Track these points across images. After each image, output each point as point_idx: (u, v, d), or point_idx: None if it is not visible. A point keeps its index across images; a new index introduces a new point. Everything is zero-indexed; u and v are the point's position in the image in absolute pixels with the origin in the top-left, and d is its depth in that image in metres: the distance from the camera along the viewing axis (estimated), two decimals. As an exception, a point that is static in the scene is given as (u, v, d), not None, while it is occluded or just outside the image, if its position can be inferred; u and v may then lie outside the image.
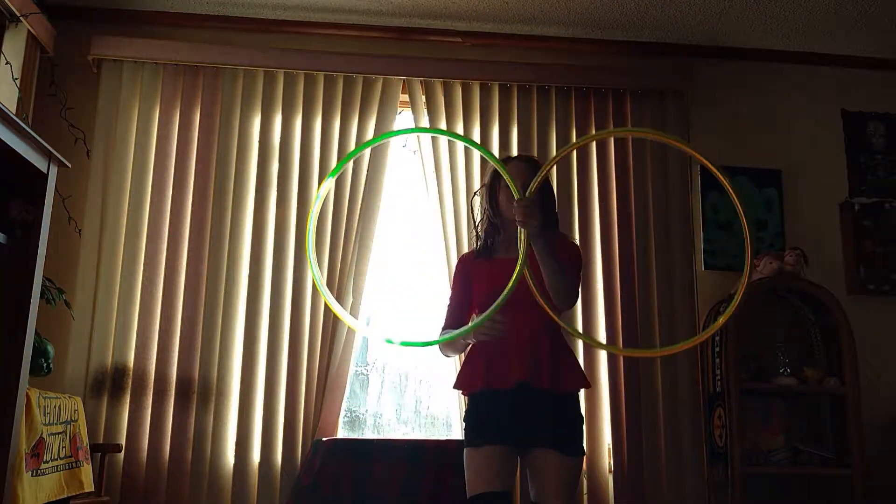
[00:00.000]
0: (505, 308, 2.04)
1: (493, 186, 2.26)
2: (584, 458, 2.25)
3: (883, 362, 3.39)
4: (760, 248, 3.42)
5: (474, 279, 2.25)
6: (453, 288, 2.33)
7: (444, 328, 2.28)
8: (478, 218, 2.34)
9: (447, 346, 2.27)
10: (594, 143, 3.46)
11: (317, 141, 3.35)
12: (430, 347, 2.28)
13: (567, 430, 2.11)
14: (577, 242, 3.14)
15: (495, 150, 3.36)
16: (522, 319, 2.11)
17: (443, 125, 3.38)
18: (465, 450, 2.13)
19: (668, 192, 3.45)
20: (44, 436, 2.32)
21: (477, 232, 2.32)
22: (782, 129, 3.66)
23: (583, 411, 2.50)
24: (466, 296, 2.27)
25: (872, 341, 3.35)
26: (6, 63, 3.01)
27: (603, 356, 3.24)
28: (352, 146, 3.34)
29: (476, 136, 3.41)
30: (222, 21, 3.48)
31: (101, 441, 2.95)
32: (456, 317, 2.27)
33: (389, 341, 2.24)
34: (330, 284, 3.19)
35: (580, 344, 3.18)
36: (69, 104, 3.27)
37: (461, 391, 2.29)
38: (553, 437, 2.07)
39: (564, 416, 2.13)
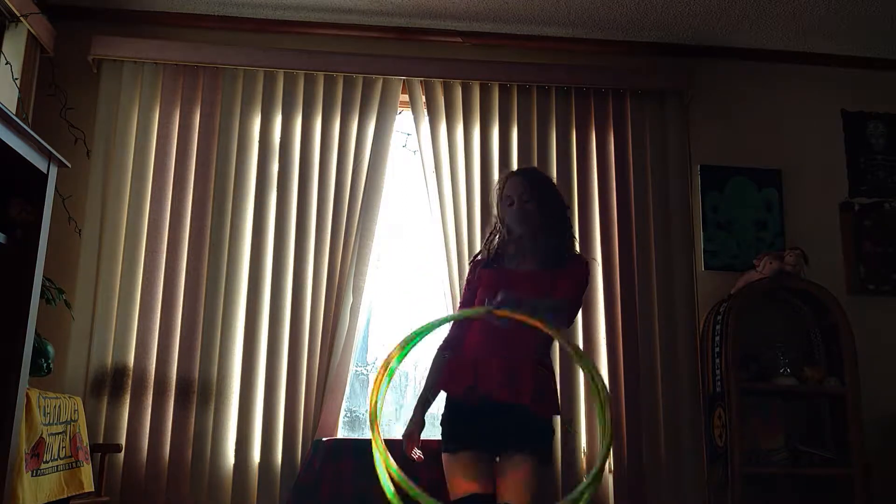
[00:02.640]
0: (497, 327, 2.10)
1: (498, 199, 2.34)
2: (552, 467, 2.30)
3: (883, 362, 3.38)
4: (760, 248, 3.43)
5: (480, 285, 2.32)
6: (464, 292, 2.43)
7: (448, 334, 2.36)
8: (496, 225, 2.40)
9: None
10: (594, 142, 3.46)
11: (317, 141, 3.35)
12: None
13: (537, 437, 2.14)
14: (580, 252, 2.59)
15: (495, 151, 3.37)
16: (511, 341, 2.13)
17: (443, 125, 3.38)
18: (442, 454, 2.20)
19: (668, 192, 3.45)
20: (44, 436, 2.32)
21: (488, 240, 2.39)
22: (782, 129, 3.65)
23: (557, 424, 2.56)
24: (471, 300, 2.35)
25: (872, 341, 3.34)
26: (6, 63, 3.01)
27: (604, 357, 3.24)
28: (352, 146, 3.34)
29: (476, 136, 3.41)
30: (222, 21, 3.48)
31: (101, 441, 2.95)
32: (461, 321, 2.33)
33: None
34: (330, 284, 3.19)
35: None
36: (69, 104, 3.26)
37: (447, 392, 2.29)
38: (524, 443, 2.10)
39: (537, 425, 2.16)
